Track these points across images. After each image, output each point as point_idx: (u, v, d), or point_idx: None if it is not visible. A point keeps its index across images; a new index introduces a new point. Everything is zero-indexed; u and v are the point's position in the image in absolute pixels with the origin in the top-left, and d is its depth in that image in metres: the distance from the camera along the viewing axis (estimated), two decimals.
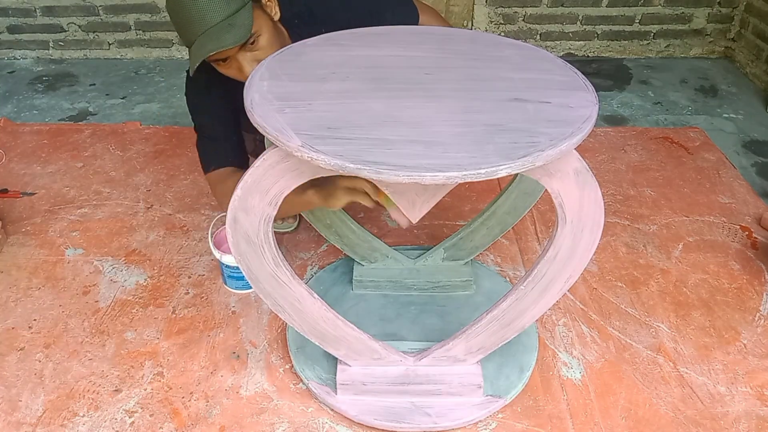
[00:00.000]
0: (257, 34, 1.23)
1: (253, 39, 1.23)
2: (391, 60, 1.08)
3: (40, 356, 1.38)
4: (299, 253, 1.67)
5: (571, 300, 1.50)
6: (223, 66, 1.26)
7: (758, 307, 1.48)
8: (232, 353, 1.38)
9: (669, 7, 2.67)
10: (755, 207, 1.81)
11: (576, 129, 0.89)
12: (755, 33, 2.57)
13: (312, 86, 1.00)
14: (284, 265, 1.06)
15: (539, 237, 1.71)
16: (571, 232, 1.02)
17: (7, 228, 1.73)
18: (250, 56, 1.24)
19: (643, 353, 1.37)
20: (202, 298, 1.52)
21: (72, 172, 2.00)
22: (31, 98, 2.50)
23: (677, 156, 2.05)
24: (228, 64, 1.25)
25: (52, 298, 1.52)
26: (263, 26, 1.24)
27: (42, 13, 2.73)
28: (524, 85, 1.00)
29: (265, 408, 1.26)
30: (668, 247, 1.67)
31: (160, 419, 1.24)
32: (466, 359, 1.20)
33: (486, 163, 0.82)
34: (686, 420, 1.23)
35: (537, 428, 1.22)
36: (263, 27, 1.24)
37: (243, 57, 1.23)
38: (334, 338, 1.17)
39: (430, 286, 1.49)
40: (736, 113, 2.34)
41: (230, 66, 1.26)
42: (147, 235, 1.73)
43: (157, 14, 2.72)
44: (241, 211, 0.99)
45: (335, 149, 0.84)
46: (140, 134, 2.21)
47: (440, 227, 1.76)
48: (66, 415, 1.25)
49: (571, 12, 2.69)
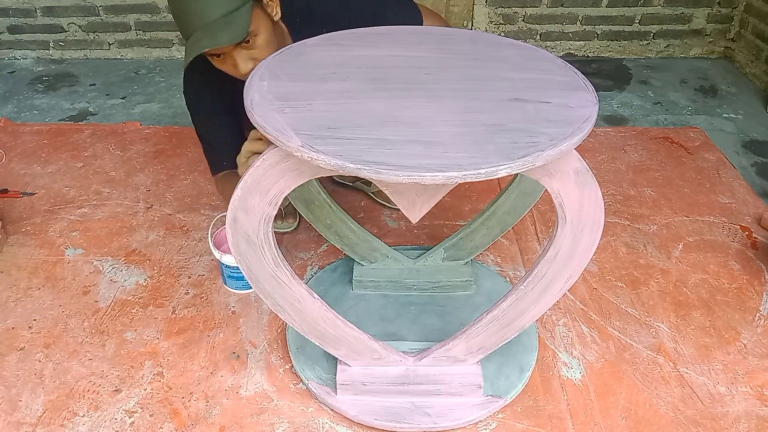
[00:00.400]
0: (254, 34, 1.23)
1: (249, 38, 1.23)
2: (391, 60, 1.08)
3: (40, 356, 1.38)
4: (299, 253, 1.67)
5: (571, 300, 1.50)
6: (218, 61, 1.27)
7: (758, 307, 1.48)
8: (232, 353, 1.38)
9: (669, 7, 2.67)
10: (755, 207, 1.81)
11: (576, 129, 0.89)
12: (755, 33, 2.57)
13: (312, 86, 1.00)
14: (284, 265, 1.06)
15: (539, 237, 1.71)
16: (571, 232, 1.02)
17: (7, 228, 1.73)
18: (246, 54, 1.24)
19: (643, 353, 1.37)
20: (202, 298, 1.52)
21: (72, 172, 2.00)
22: (32, 98, 2.50)
23: (677, 156, 2.05)
24: (223, 60, 1.26)
25: (52, 298, 1.52)
26: (261, 26, 1.24)
27: (42, 14, 2.73)
28: (524, 85, 1.00)
29: (265, 408, 1.26)
30: (668, 247, 1.67)
31: (160, 419, 1.24)
32: (466, 359, 1.20)
33: (486, 163, 0.82)
34: (686, 420, 1.23)
35: (537, 428, 1.22)
36: (261, 27, 1.24)
37: (238, 54, 1.24)
38: (334, 338, 1.17)
39: (430, 286, 1.49)
40: (736, 113, 2.34)
41: (225, 61, 1.26)
42: (147, 235, 1.73)
43: (157, 14, 2.73)
44: (241, 211, 0.99)
45: (335, 149, 0.84)
46: (140, 134, 2.21)
47: (440, 227, 1.76)
48: (66, 415, 1.25)
49: (571, 12, 2.69)
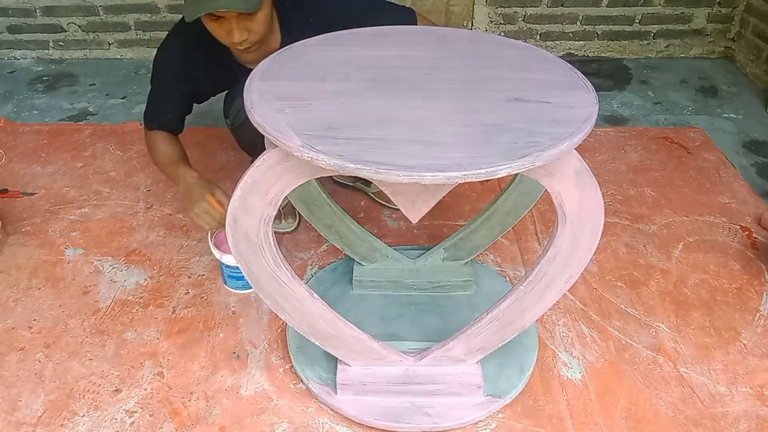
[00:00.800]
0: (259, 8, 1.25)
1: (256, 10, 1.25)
2: (391, 60, 1.08)
3: (40, 356, 1.38)
4: (299, 253, 1.67)
5: (571, 300, 1.50)
6: (214, 23, 1.28)
7: (758, 307, 1.48)
8: (232, 353, 1.38)
9: (669, 7, 2.67)
10: (755, 207, 1.81)
11: (576, 129, 0.89)
12: (755, 33, 2.57)
13: (312, 86, 1.00)
14: (284, 265, 1.06)
15: (539, 237, 1.71)
16: (571, 232, 1.02)
17: (7, 228, 1.73)
18: (244, 25, 1.26)
19: (643, 353, 1.37)
20: (202, 298, 1.52)
21: (72, 172, 2.00)
22: (31, 98, 2.50)
23: (677, 156, 2.05)
24: (219, 23, 1.28)
25: (52, 298, 1.52)
26: (266, 3, 1.27)
27: (42, 13, 2.72)
28: (524, 85, 1.00)
29: (265, 408, 1.26)
30: (668, 247, 1.67)
31: (160, 419, 1.24)
32: (466, 359, 1.20)
33: (486, 163, 0.82)
34: (686, 420, 1.23)
35: (537, 428, 1.22)
36: (266, 4, 1.27)
37: (237, 23, 1.26)
38: (334, 338, 1.17)
39: (430, 286, 1.49)
40: (736, 113, 2.34)
41: (221, 25, 1.28)
42: (147, 235, 1.73)
43: (157, 14, 2.72)
44: (241, 211, 0.99)
45: (335, 149, 0.84)
46: (140, 134, 2.20)
47: (440, 227, 1.76)
48: (66, 415, 1.25)
49: (571, 12, 2.69)
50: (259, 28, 1.27)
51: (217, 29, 1.29)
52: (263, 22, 1.28)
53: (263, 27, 1.28)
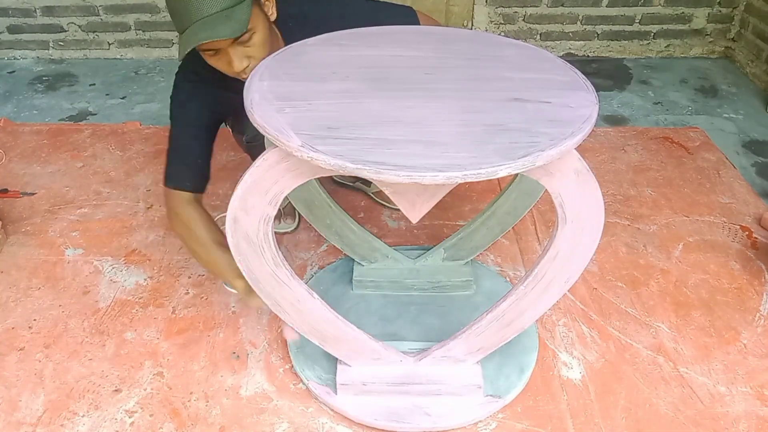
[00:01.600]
0: (252, 31, 1.23)
1: (247, 35, 1.23)
2: (391, 60, 1.08)
3: (40, 356, 1.38)
4: (299, 253, 1.67)
5: (571, 300, 1.50)
6: (213, 57, 1.26)
7: (758, 307, 1.48)
8: (232, 353, 1.38)
9: (669, 7, 2.67)
10: (755, 207, 1.81)
11: (576, 129, 0.89)
12: (755, 33, 2.57)
13: (312, 86, 1.00)
14: (284, 265, 1.06)
15: (539, 237, 1.71)
16: (571, 232, 1.02)
17: (7, 228, 1.73)
18: (241, 51, 1.24)
19: (643, 353, 1.37)
20: (202, 298, 1.52)
21: (72, 172, 2.00)
22: (31, 98, 2.50)
23: (677, 156, 2.05)
24: (218, 56, 1.26)
25: (52, 298, 1.52)
26: (259, 24, 1.24)
27: (42, 13, 2.73)
28: (524, 85, 1.00)
29: (265, 408, 1.26)
30: (668, 247, 1.66)
31: (160, 419, 1.24)
32: (466, 359, 1.20)
33: (486, 163, 0.82)
34: (686, 420, 1.23)
35: (537, 428, 1.22)
36: (259, 25, 1.24)
37: (234, 51, 1.23)
38: (334, 338, 1.17)
39: (430, 286, 1.49)
40: (736, 113, 2.34)
41: (220, 58, 1.26)
42: (147, 235, 1.73)
43: (157, 14, 2.72)
44: (241, 211, 0.99)
45: (335, 149, 0.84)
46: (140, 134, 2.21)
47: (440, 227, 1.76)
48: (66, 415, 1.25)
49: (571, 12, 2.69)
50: (258, 53, 1.24)
51: (218, 62, 1.27)
52: (261, 46, 1.25)
53: (262, 51, 1.24)
